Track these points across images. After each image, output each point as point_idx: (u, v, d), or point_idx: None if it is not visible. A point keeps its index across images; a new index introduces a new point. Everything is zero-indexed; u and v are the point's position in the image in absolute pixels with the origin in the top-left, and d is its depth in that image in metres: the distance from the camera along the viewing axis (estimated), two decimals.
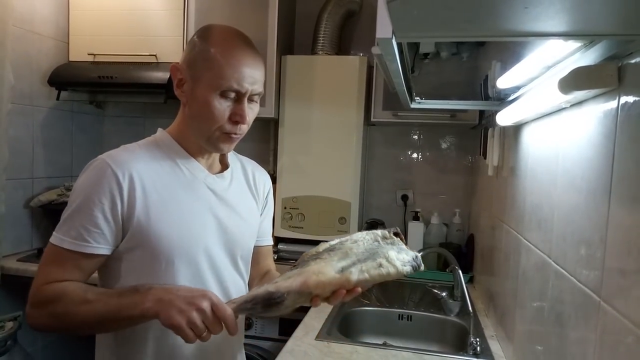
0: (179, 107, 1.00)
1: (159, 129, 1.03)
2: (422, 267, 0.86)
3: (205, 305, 0.80)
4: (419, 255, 0.87)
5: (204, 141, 0.96)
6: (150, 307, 0.81)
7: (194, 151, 0.99)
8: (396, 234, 0.92)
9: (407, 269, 0.84)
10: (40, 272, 0.90)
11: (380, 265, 0.82)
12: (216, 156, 1.05)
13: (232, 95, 0.91)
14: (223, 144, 0.96)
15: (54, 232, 0.90)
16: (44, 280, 0.88)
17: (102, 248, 0.90)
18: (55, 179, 2.33)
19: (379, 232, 0.92)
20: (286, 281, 0.83)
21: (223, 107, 0.91)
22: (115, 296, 0.86)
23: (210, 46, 0.91)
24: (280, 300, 0.81)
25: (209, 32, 0.95)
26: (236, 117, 0.92)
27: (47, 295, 0.87)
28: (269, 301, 0.81)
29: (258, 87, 0.94)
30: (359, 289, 0.83)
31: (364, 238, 0.90)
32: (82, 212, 0.88)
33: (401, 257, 0.84)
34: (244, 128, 0.95)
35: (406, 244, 0.91)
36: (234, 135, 0.95)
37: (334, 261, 0.84)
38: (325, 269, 0.82)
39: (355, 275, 0.81)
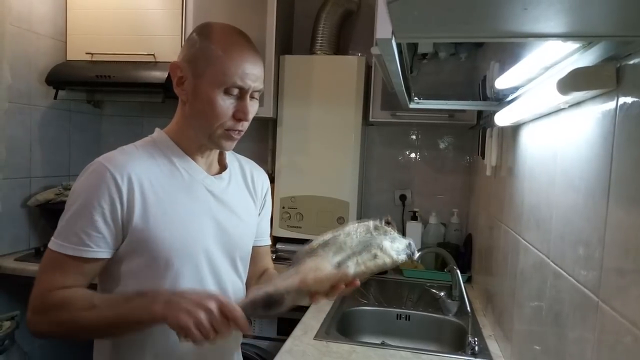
0: (177, 106, 1.00)
1: (156, 129, 1.02)
2: (417, 254, 0.89)
3: (213, 305, 0.80)
4: (412, 242, 0.89)
5: (206, 139, 0.96)
6: (158, 310, 0.81)
7: (193, 151, 0.99)
8: (387, 223, 0.93)
9: (402, 257, 0.87)
10: (41, 278, 0.89)
11: (376, 257, 0.85)
12: (215, 156, 1.04)
13: (235, 92, 0.92)
14: (225, 141, 0.96)
15: (53, 239, 0.89)
16: (48, 287, 0.87)
17: (103, 252, 0.90)
18: (52, 178, 2.33)
19: (370, 223, 0.93)
20: (285, 281, 0.84)
21: (226, 104, 0.92)
22: (122, 301, 0.87)
23: (211, 43, 0.91)
24: (280, 301, 0.83)
25: (210, 29, 0.94)
26: (239, 114, 0.93)
27: (51, 303, 0.86)
28: (269, 302, 0.82)
29: (259, 84, 0.95)
30: (358, 282, 0.86)
31: (357, 230, 0.92)
32: (82, 216, 0.88)
33: (395, 247, 0.87)
34: (246, 125, 0.96)
35: (397, 231, 0.93)
36: (235, 133, 0.95)
37: (330, 256, 0.86)
38: (322, 265, 0.84)
39: (352, 269, 0.84)
